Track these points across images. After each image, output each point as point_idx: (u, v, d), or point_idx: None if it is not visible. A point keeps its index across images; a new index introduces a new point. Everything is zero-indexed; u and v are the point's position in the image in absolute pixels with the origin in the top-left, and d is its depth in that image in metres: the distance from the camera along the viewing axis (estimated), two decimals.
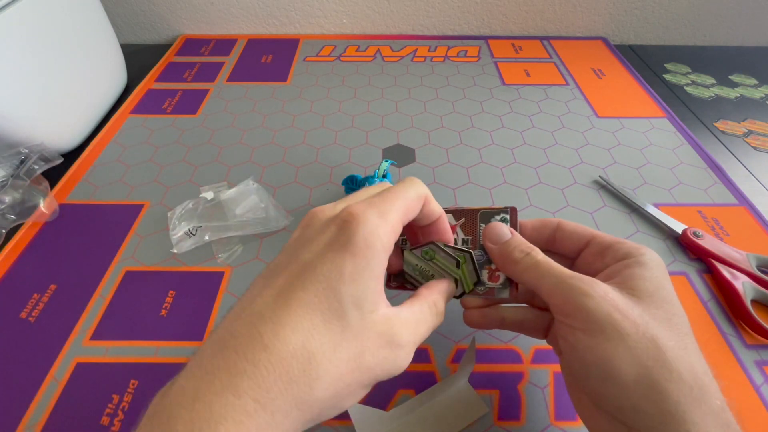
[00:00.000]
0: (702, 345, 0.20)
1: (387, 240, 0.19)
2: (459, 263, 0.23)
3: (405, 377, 0.28)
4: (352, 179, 0.39)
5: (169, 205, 0.40)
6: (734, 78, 0.60)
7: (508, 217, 0.25)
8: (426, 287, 0.23)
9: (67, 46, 0.46)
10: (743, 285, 0.33)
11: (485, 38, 0.68)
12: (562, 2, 0.67)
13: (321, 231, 0.20)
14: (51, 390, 0.28)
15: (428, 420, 0.26)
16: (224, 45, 0.66)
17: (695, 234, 0.36)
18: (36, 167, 0.39)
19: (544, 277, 0.22)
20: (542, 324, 0.25)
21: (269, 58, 0.63)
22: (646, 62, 0.64)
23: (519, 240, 0.23)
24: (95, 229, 0.38)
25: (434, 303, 0.22)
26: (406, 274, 0.27)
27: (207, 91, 0.56)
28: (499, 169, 0.44)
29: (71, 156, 0.46)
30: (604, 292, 0.20)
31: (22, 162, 0.39)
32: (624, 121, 0.51)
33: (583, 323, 0.20)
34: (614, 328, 0.19)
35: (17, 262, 0.35)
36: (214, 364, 0.16)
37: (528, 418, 0.27)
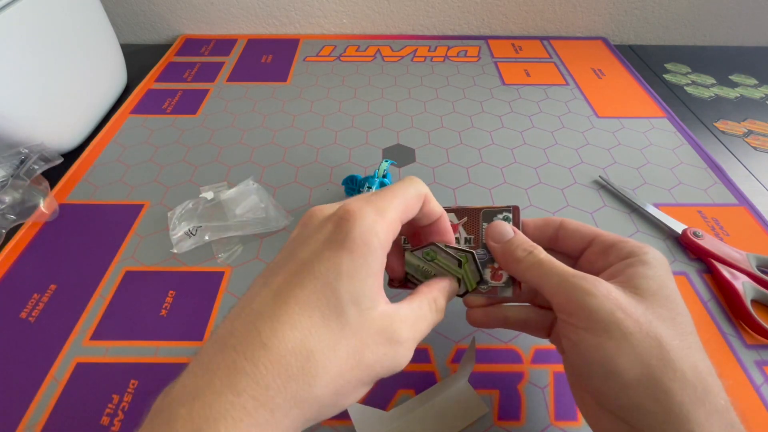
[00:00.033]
0: (702, 345, 0.20)
1: (384, 237, 0.19)
2: (461, 263, 0.23)
3: (405, 377, 0.28)
4: (352, 179, 0.39)
5: (169, 205, 0.40)
6: (734, 78, 0.60)
7: (511, 216, 0.25)
8: (426, 285, 0.23)
9: (67, 46, 0.46)
10: (743, 285, 0.33)
11: (485, 38, 0.68)
12: (562, 2, 0.67)
13: (318, 229, 0.20)
14: (51, 390, 0.28)
15: (428, 420, 0.26)
16: (224, 45, 0.66)
17: (695, 234, 0.36)
18: (36, 167, 0.39)
19: (547, 276, 0.21)
20: (545, 323, 0.25)
21: (269, 58, 0.63)
22: (646, 62, 0.64)
23: (521, 239, 0.23)
24: (95, 229, 0.38)
25: (434, 300, 0.22)
26: (408, 275, 0.27)
27: (207, 91, 0.56)
28: (499, 169, 0.44)
29: (71, 156, 0.46)
30: (607, 291, 0.20)
31: (22, 162, 0.39)
32: (624, 121, 0.51)
33: (586, 322, 0.20)
34: (617, 327, 0.19)
35: (17, 262, 0.35)
36: (214, 363, 0.16)
37: (528, 418, 0.27)
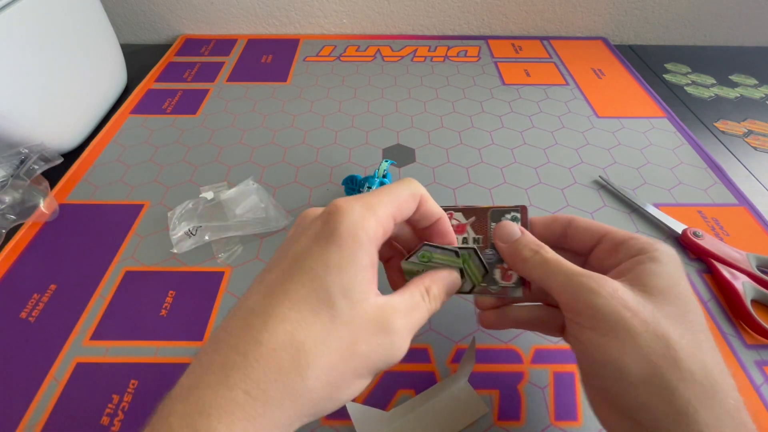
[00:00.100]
0: (715, 343, 0.20)
1: (373, 231, 0.19)
2: (457, 254, 0.23)
3: (405, 377, 0.28)
4: (352, 179, 0.39)
5: (169, 205, 0.40)
6: (734, 78, 0.60)
7: (519, 216, 0.25)
8: (419, 276, 0.22)
9: (67, 46, 0.46)
10: (743, 285, 0.33)
11: (485, 38, 0.68)
12: (562, 2, 0.67)
13: (309, 227, 0.20)
14: (51, 390, 0.28)
15: (428, 420, 0.26)
16: (224, 45, 0.66)
17: (695, 234, 0.36)
18: (36, 167, 0.39)
19: (554, 275, 0.21)
20: (557, 322, 0.25)
21: (269, 58, 0.63)
22: (646, 62, 0.64)
23: (529, 238, 0.23)
24: (95, 229, 0.38)
25: (426, 289, 0.21)
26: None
27: (207, 91, 0.56)
28: (499, 169, 0.44)
29: (71, 156, 0.46)
30: (613, 290, 0.20)
31: (22, 162, 0.39)
32: (624, 121, 0.51)
33: (592, 321, 0.20)
34: (623, 326, 0.19)
35: (17, 262, 0.35)
36: (210, 360, 0.17)
37: (528, 418, 0.27)
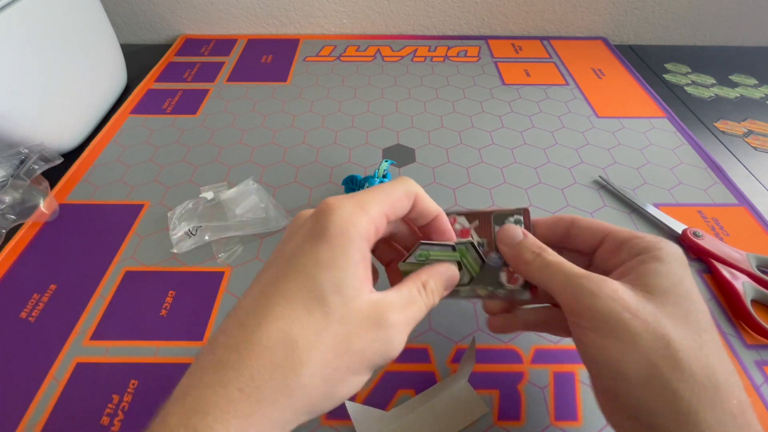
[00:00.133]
0: (721, 342, 0.20)
1: (364, 228, 0.19)
2: (454, 248, 0.23)
3: (405, 377, 0.28)
4: (352, 179, 0.39)
5: (169, 205, 0.40)
6: (734, 78, 0.60)
7: (522, 219, 0.25)
8: (416, 272, 0.22)
9: (67, 46, 0.46)
10: (743, 285, 0.33)
11: (485, 38, 0.68)
12: (562, 2, 0.67)
13: (302, 226, 0.20)
14: (51, 390, 0.28)
15: (428, 420, 0.26)
16: (224, 45, 0.66)
17: (695, 234, 0.36)
18: (36, 167, 0.39)
19: (555, 277, 0.21)
20: (565, 322, 0.24)
21: (269, 58, 0.63)
22: (646, 62, 0.64)
23: (530, 241, 0.23)
24: (95, 229, 0.38)
25: (423, 284, 0.21)
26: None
27: (207, 91, 0.56)
28: (499, 169, 0.44)
29: (71, 156, 0.46)
30: (613, 291, 0.20)
31: (22, 162, 0.39)
32: (624, 121, 0.51)
33: (592, 323, 0.20)
34: (623, 328, 0.19)
35: (17, 262, 0.35)
36: (206, 360, 0.17)
37: (528, 418, 0.27)
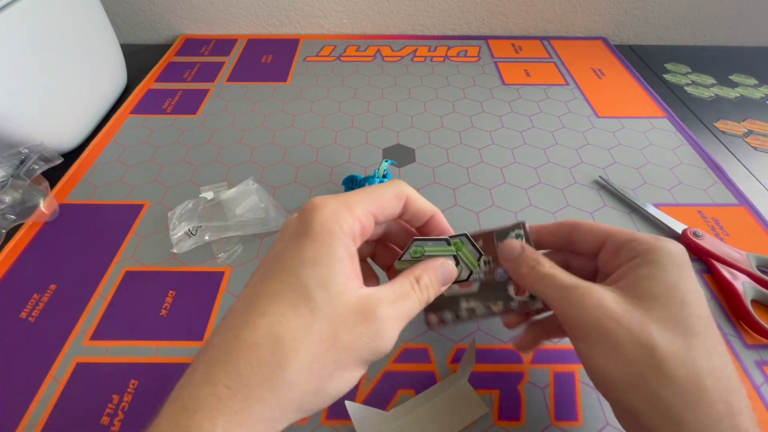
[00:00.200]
0: (717, 344, 0.19)
1: (348, 226, 0.19)
2: (448, 242, 0.23)
3: (405, 377, 0.28)
4: (352, 179, 0.39)
5: (169, 205, 0.40)
6: (734, 78, 0.60)
7: (523, 233, 0.26)
8: (410, 268, 0.22)
9: (67, 46, 0.46)
10: (743, 285, 0.33)
11: (485, 38, 0.68)
12: (562, 2, 0.67)
13: (290, 226, 0.21)
14: (51, 390, 0.28)
15: (428, 420, 0.26)
16: (224, 45, 0.66)
17: (695, 234, 0.36)
18: (36, 167, 0.39)
19: (547, 289, 0.22)
20: None
21: (269, 58, 0.63)
22: (646, 62, 0.64)
23: (527, 254, 0.24)
24: (95, 229, 0.38)
25: (416, 278, 0.21)
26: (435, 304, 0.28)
27: (207, 91, 0.56)
28: (499, 169, 0.44)
29: (71, 156, 0.46)
30: (599, 301, 0.20)
31: (22, 162, 0.39)
32: (624, 121, 0.51)
33: (581, 332, 0.21)
34: (607, 337, 0.20)
35: (17, 262, 0.35)
36: (198, 360, 0.18)
37: (528, 418, 0.27)
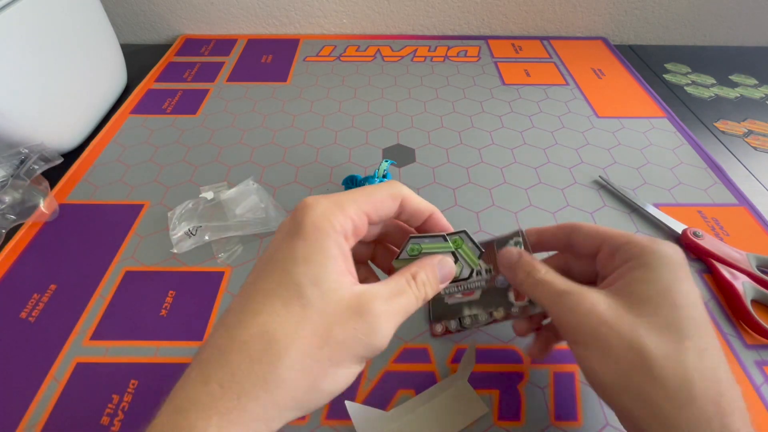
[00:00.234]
0: (710, 347, 0.20)
1: (339, 224, 0.19)
2: (445, 238, 0.23)
3: (405, 377, 0.28)
4: (352, 179, 0.39)
5: (169, 205, 0.40)
6: (734, 78, 0.60)
7: (521, 240, 0.26)
8: (407, 265, 0.22)
9: (67, 46, 0.46)
10: (743, 285, 0.33)
11: (485, 38, 0.68)
12: (562, 2, 0.67)
13: (283, 226, 0.21)
14: (51, 390, 0.28)
15: (428, 420, 0.26)
16: (224, 45, 0.66)
17: (695, 234, 0.36)
18: (36, 167, 0.39)
19: (542, 295, 0.23)
20: None
21: (269, 58, 0.63)
22: (646, 62, 0.64)
23: (523, 261, 0.24)
24: (95, 229, 0.38)
25: (413, 275, 0.21)
26: (430, 304, 0.28)
27: (207, 91, 0.56)
28: (499, 169, 0.44)
29: (71, 156, 0.46)
30: (591, 306, 0.21)
31: (22, 162, 0.39)
32: (624, 121, 0.51)
33: (574, 337, 0.21)
34: (599, 341, 0.20)
35: (17, 262, 0.35)
36: (195, 360, 0.18)
37: (528, 418, 0.27)
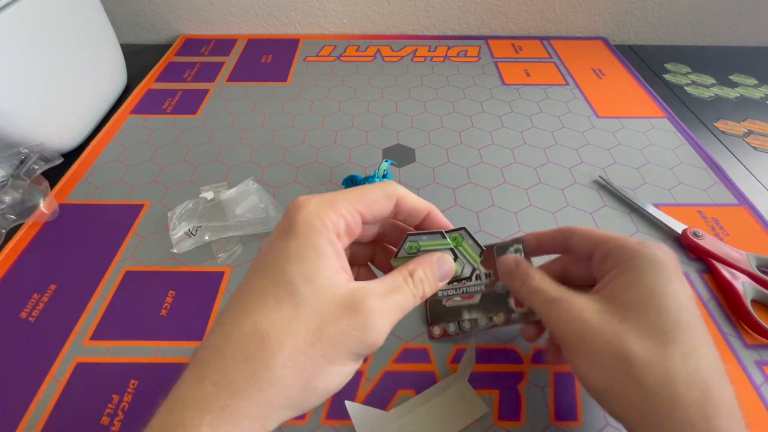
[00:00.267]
0: (695, 351, 0.20)
1: (331, 222, 0.19)
2: (443, 234, 0.22)
3: (405, 377, 0.28)
4: (352, 179, 0.39)
5: (169, 205, 0.40)
6: (734, 78, 0.60)
7: (521, 247, 0.27)
8: (405, 263, 0.22)
9: (67, 46, 0.46)
10: (743, 285, 0.33)
11: (485, 38, 0.68)
12: (562, 2, 0.66)
13: (277, 226, 0.21)
14: (51, 390, 0.28)
15: (428, 420, 0.26)
16: (224, 45, 0.66)
17: (695, 234, 0.36)
18: (36, 167, 0.39)
19: (536, 302, 0.23)
20: None
21: (269, 58, 0.63)
22: (646, 62, 0.64)
23: (520, 270, 0.25)
24: (95, 229, 0.38)
25: (410, 272, 0.21)
26: (428, 305, 0.29)
27: (207, 91, 0.56)
28: (499, 169, 0.44)
29: (71, 156, 0.46)
30: (579, 313, 0.21)
31: (22, 162, 0.39)
32: (624, 121, 0.51)
33: (564, 343, 0.22)
34: (586, 348, 0.21)
35: (17, 262, 0.35)
36: (192, 360, 0.18)
37: (528, 418, 0.27)
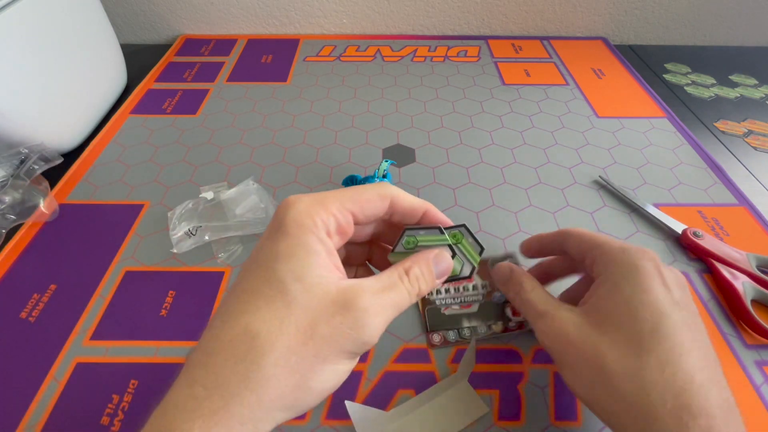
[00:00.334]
0: (673, 359, 0.19)
1: (321, 220, 0.19)
2: (441, 230, 0.22)
3: (405, 377, 0.28)
4: (352, 179, 0.39)
5: (169, 205, 0.40)
6: (734, 78, 0.60)
7: (516, 258, 0.28)
8: (401, 260, 0.21)
9: (67, 46, 0.46)
10: (743, 285, 0.33)
11: (485, 38, 0.68)
12: (562, 2, 0.67)
13: (269, 225, 0.21)
14: (51, 390, 0.28)
15: (428, 420, 0.26)
16: (224, 45, 0.66)
17: (695, 234, 0.36)
18: (36, 167, 0.39)
19: (527, 314, 0.25)
20: None
21: (269, 58, 0.63)
22: (646, 62, 0.64)
23: (514, 278, 0.26)
24: (95, 229, 0.38)
25: (406, 270, 0.20)
26: (425, 313, 0.30)
27: (207, 91, 0.56)
28: (499, 169, 0.44)
29: (71, 156, 0.46)
30: (560, 328, 0.22)
31: (22, 162, 0.39)
32: (624, 121, 0.51)
33: (551, 355, 0.23)
34: (567, 361, 0.22)
35: (17, 262, 0.35)
36: (185, 364, 0.18)
37: (528, 418, 0.27)
